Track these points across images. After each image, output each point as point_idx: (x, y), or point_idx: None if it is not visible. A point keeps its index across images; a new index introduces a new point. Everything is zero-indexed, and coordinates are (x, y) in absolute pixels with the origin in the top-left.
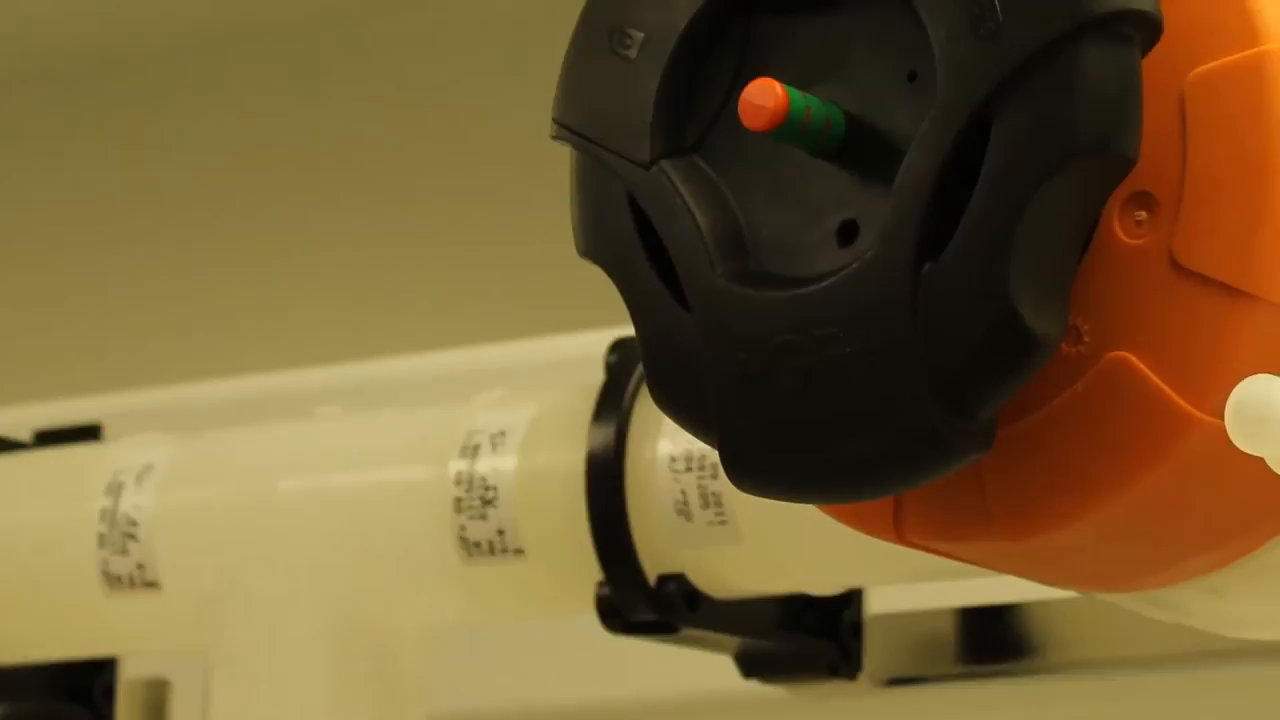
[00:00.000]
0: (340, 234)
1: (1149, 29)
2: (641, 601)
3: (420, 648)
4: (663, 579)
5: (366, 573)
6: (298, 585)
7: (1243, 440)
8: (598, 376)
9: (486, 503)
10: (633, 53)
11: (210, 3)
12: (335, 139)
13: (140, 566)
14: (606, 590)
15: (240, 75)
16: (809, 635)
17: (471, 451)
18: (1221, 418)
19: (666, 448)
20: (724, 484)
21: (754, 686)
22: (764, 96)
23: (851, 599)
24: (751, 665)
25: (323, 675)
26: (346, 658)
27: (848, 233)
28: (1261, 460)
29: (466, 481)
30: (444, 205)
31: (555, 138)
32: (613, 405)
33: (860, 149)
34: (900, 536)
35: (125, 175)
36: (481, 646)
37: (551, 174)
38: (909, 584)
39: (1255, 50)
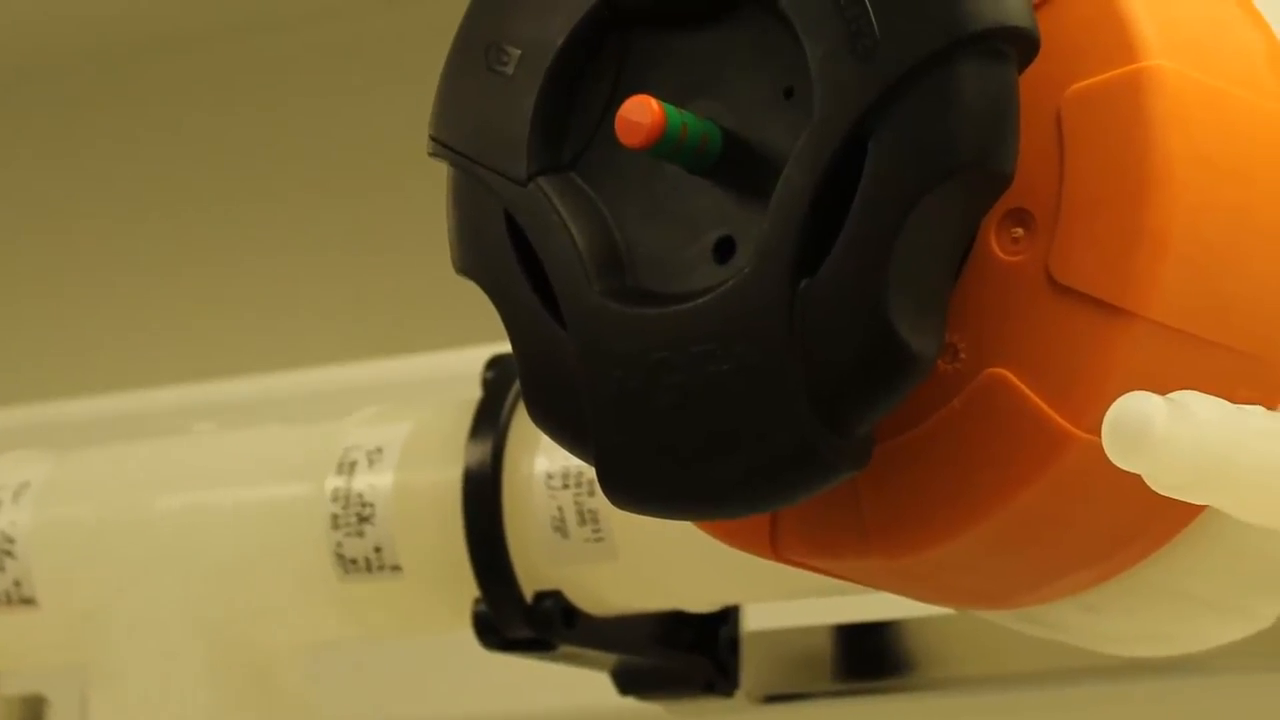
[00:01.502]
0: (214, 249)
1: (1026, 45)
2: (518, 618)
3: (299, 665)
4: (539, 596)
5: (244, 590)
6: (176, 602)
7: (1120, 457)
8: (475, 393)
9: (363, 520)
10: (509, 69)
11: (125, 12)
12: (210, 152)
13: (17, 583)
14: (483, 607)
15: (129, 87)
16: (686, 652)
17: (348, 468)
18: (1099, 434)
19: (543, 464)
20: (601, 501)
21: (630, 703)
22: (640, 113)
23: (728, 616)
24: (628, 682)
25: (202, 692)
26: (225, 675)
27: (724, 249)
28: (1138, 477)
29: (343, 498)
30: (318, 221)
31: (432, 155)
32: (489, 422)
33: (737, 166)
34: (777, 554)
35: None
36: (361, 663)
37: (429, 190)
38: (786, 601)
39: (1132, 67)
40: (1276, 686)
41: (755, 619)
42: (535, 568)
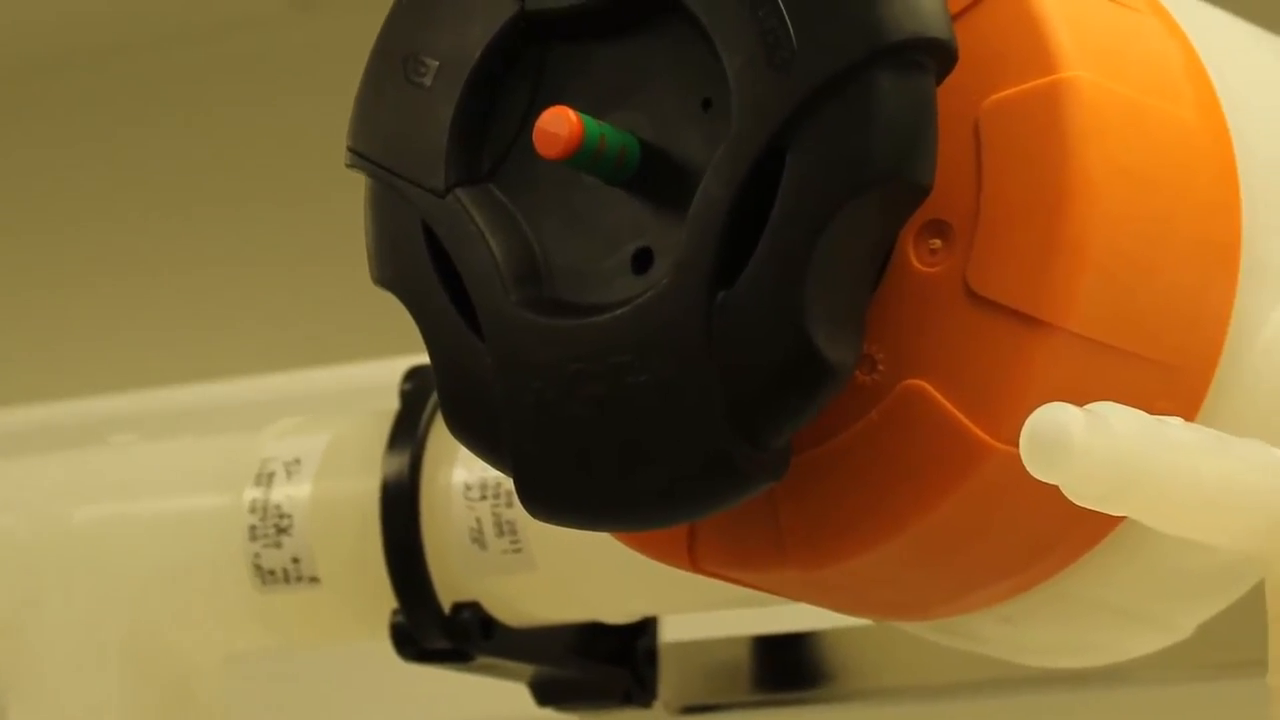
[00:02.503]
0: (130, 261)
1: (943, 57)
2: (435, 630)
3: (218, 676)
4: (457, 607)
5: (163, 601)
6: (94, 613)
7: (1038, 468)
8: (393, 404)
9: (281, 531)
10: (427, 80)
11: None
12: (126, 165)
13: None
14: (400, 618)
15: (43, 100)
16: (604, 663)
17: (266, 479)
18: (1017, 446)
19: (461, 476)
20: (518, 512)
21: (549, 714)
22: (558, 124)
23: (646, 627)
24: (546, 693)
25: (120, 704)
26: (144, 686)
27: (642, 261)
28: (1056, 488)
29: (261, 509)
30: (235, 233)
31: (350, 166)
32: (407, 433)
33: (655, 177)
34: (695, 565)
35: None
36: (281, 674)
37: (347, 201)
38: (704, 612)
39: (1050, 78)
40: (1195, 697)
41: (673, 630)
42: (453, 579)
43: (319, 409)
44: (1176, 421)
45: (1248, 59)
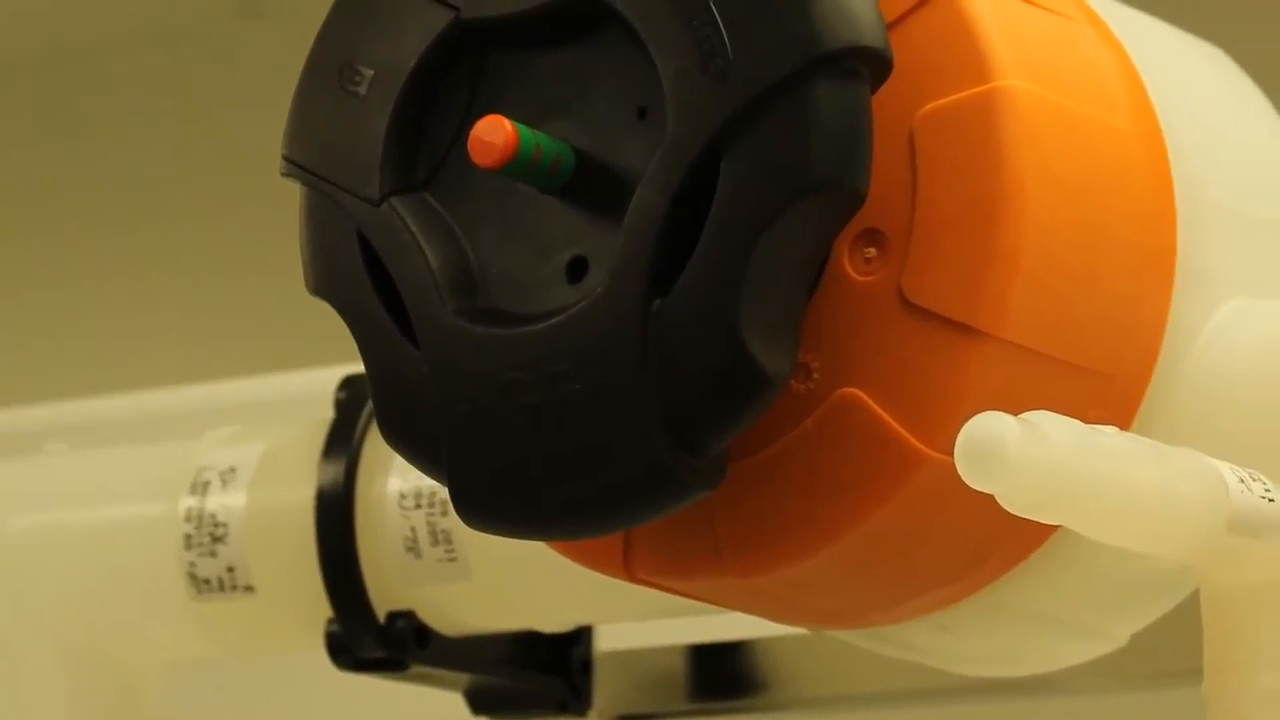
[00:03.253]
0: (64, 269)
1: (879, 65)
2: (370, 638)
3: (157, 685)
4: (392, 616)
5: (99, 610)
6: (33, 622)
7: (972, 477)
8: (328, 413)
9: (216, 539)
10: (362, 89)
11: None
12: (55, 173)
13: None
14: (336, 627)
15: None
16: (539, 672)
17: (201, 488)
18: (952, 454)
19: (396, 485)
20: (454, 521)
21: None
22: (493, 133)
23: (581, 636)
24: (481, 702)
25: (62, 711)
26: (85, 694)
27: (578, 269)
28: (991, 497)
29: (196, 518)
30: (172, 241)
31: (285, 175)
32: (342, 442)
33: (591, 186)
34: (630, 574)
35: None
36: (218, 682)
37: (284, 210)
38: (639, 621)
39: (984, 87)
40: (1129, 707)
41: (608, 639)
42: (388, 588)
43: (255, 418)
44: (1111, 430)
45: (1182, 67)
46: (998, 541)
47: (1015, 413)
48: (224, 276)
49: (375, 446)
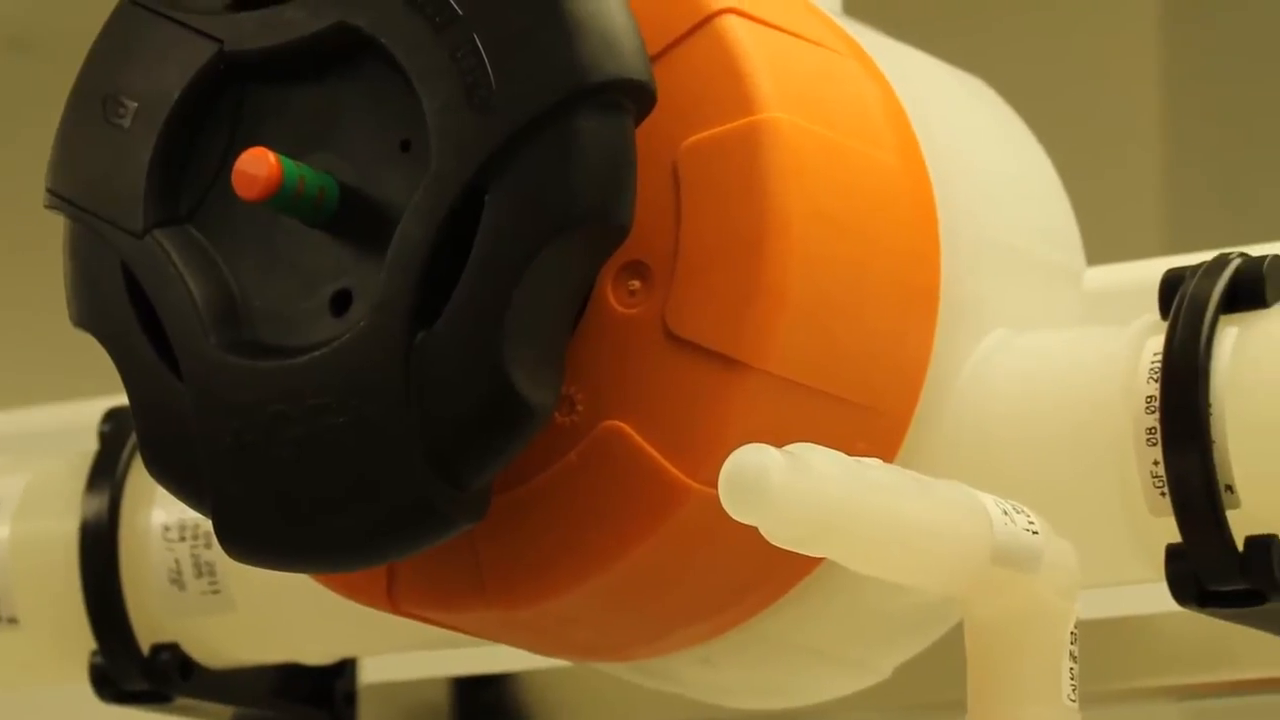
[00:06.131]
0: None
1: (642, 98)
2: (134, 671)
3: None
4: (156, 648)
5: None
6: None
7: (736, 510)
8: (92, 446)
9: None
10: (126, 121)
11: None
12: None
13: None
14: (100, 660)
15: None
16: (303, 704)
17: None
18: (715, 487)
19: (160, 517)
20: (218, 553)
21: None
22: (256, 166)
23: (344, 668)
24: None
25: None
26: None
27: (341, 302)
28: (755, 530)
29: None
30: None
31: (49, 207)
32: (106, 474)
33: (355, 219)
34: (394, 606)
35: None
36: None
37: (47, 242)
38: (404, 653)
39: (748, 119)
40: None
41: (372, 671)
42: (153, 620)
43: (17, 450)
44: (875, 463)
45: (946, 100)
46: (761, 574)
47: (780, 445)
48: None
49: (139, 479)
